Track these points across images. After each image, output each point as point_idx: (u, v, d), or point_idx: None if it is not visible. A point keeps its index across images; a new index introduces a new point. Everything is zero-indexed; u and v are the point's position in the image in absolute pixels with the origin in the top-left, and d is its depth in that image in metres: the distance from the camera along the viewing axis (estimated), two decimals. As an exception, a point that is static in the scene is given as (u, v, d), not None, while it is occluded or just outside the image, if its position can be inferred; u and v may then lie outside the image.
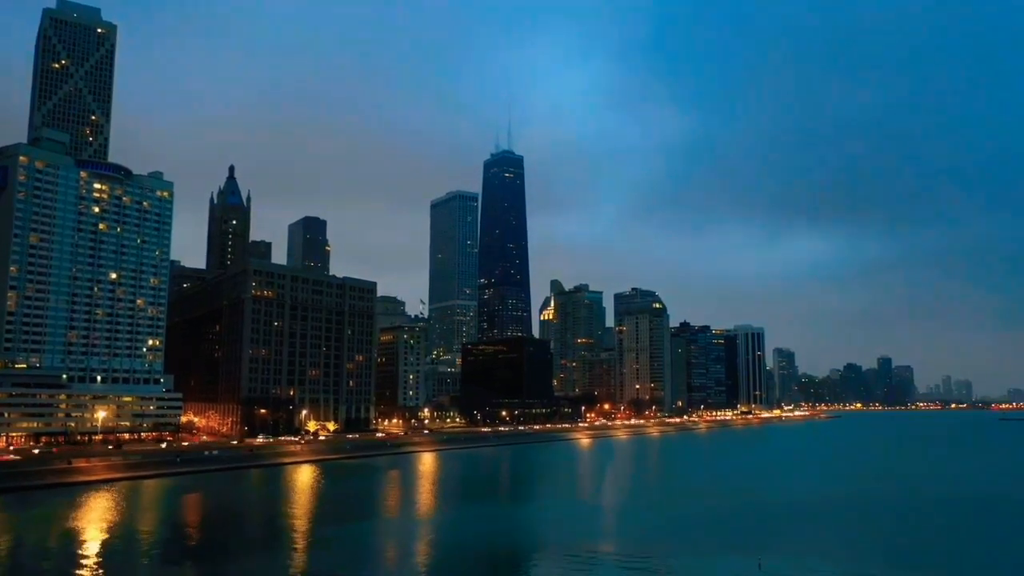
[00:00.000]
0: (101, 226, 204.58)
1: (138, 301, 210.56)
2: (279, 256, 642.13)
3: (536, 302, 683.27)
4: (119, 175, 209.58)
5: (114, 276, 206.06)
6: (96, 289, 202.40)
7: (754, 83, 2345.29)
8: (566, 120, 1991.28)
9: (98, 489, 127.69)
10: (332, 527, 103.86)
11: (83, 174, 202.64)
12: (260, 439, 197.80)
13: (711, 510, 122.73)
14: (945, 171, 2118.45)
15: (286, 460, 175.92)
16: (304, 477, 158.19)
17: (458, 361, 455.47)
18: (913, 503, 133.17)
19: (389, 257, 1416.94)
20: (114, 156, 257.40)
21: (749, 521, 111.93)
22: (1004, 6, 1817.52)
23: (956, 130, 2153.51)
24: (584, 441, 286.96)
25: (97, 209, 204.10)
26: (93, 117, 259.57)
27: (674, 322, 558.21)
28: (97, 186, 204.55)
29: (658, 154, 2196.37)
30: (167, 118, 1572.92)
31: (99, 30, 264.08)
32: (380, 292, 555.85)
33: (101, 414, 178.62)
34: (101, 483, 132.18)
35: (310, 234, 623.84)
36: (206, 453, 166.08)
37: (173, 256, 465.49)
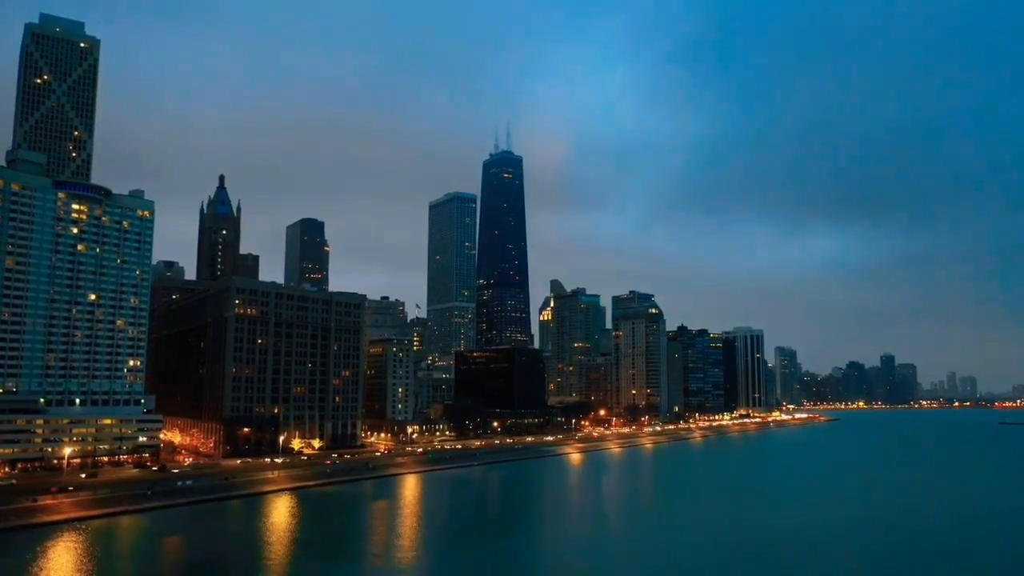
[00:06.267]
0: (80, 247, 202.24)
1: (118, 322, 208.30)
2: (276, 258, 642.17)
3: (539, 303, 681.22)
4: (98, 195, 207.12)
5: (93, 297, 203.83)
6: (75, 311, 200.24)
7: (766, 89, 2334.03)
8: (577, 121, 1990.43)
9: (65, 531, 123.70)
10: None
11: (61, 195, 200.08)
12: (227, 462, 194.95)
13: (708, 546, 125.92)
14: (953, 173, 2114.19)
15: (264, 489, 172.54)
16: (283, 510, 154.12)
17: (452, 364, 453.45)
18: (899, 537, 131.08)
19: (389, 257, 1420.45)
20: (102, 168, 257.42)
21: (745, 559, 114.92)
22: (1015, 17, 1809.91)
23: (967, 134, 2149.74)
24: (575, 456, 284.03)
25: (75, 230, 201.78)
26: (76, 133, 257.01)
27: (675, 324, 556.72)
28: (75, 207, 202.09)
29: (672, 156, 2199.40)
30: (164, 119, 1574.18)
31: (82, 44, 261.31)
32: (380, 293, 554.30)
33: (68, 450, 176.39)
34: (69, 523, 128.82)
35: (308, 236, 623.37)
36: (179, 484, 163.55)
37: (170, 258, 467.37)
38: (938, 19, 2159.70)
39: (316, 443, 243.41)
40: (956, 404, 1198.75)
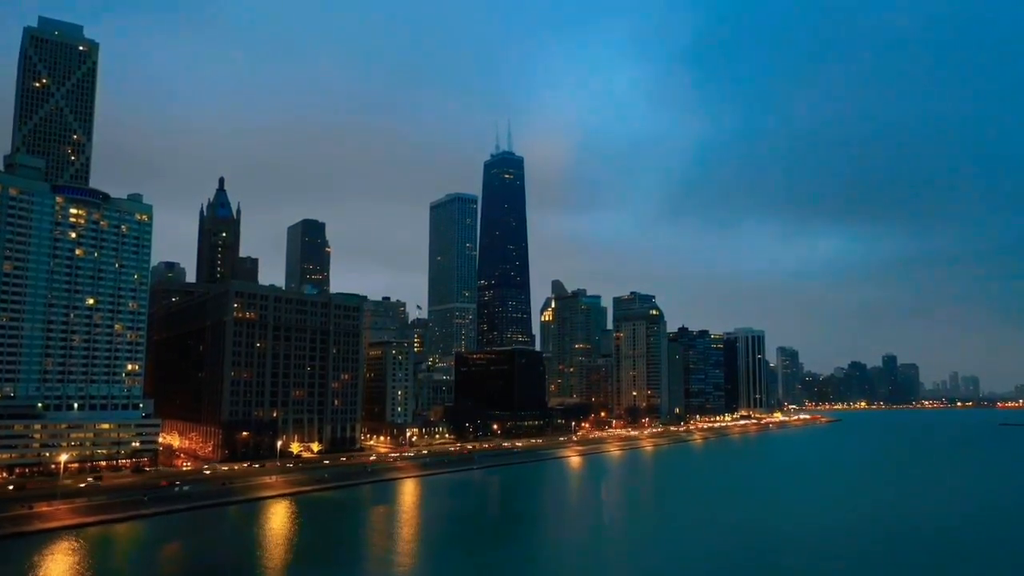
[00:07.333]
0: (78, 251, 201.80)
1: (116, 326, 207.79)
2: (277, 259, 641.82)
3: (540, 303, 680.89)
4: (96, 199, 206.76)
5: (91, 302, 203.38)
6: (72, 315, 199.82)
7: (768, 90, 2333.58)
8: (579, 121, 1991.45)
9: (61, 538, 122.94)
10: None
11: (59, 199, 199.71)
12: (229, 466, 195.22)
13: (707, 550, 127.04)
14: (953, 173, 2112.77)
15: (262, 494, 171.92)
16: (281, 517, 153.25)
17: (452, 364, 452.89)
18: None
19: (389, 258, 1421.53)
20: (102, 171, 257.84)
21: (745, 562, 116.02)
22: (1017, 19, 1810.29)
23: (968, 135, 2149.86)
24: (575, 459, 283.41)
25: (73, 234, 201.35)
26: (75, 136, 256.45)
27: (676, 325, 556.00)
28: (73, 211, 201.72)
29: (674, 157, 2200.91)
30: (164, 121, 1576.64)
31: (80, 48, 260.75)
32: (380, 293, 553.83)
33: (65, 455, 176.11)
34: (65, 530, 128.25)
35: (308, 236, 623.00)
36: (175, 489, 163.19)
37: (170, 259, 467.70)
38: (938, 21, 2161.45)
39: (315, 446, 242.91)
40: (958, 404, 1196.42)
